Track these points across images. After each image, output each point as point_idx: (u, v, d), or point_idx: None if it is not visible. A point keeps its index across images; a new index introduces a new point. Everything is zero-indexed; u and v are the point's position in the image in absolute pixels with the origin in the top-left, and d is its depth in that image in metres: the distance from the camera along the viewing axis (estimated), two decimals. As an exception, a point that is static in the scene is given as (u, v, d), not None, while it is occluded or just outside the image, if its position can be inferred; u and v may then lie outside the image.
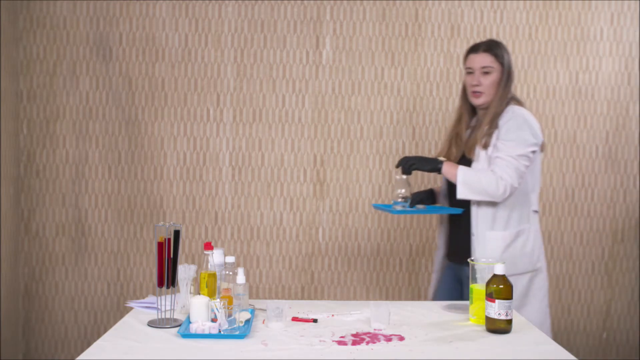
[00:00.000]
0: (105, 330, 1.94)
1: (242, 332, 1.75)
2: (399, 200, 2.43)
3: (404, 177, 2.42)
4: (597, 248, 3.30)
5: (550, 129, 3.26)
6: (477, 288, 1.88)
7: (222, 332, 1.74)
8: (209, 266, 1.92)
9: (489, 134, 2.30)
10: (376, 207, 2.50)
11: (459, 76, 3.23)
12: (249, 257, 3.26)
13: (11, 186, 3.11)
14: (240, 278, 1.90)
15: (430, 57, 3.23)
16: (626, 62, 3.25)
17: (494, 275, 1.79)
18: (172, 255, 1.85)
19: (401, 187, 2.44)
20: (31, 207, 3.22)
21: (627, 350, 3.32)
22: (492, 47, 2.36)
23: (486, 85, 2.33)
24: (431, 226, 3.26)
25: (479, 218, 2.29)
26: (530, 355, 1.64)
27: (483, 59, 2.35)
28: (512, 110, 2.32)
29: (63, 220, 3.23)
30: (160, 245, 1.83)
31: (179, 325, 1.81)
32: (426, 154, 3.23)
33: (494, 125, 2.30)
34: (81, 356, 1.60)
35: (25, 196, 3.22)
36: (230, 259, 1.97)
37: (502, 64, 2.35)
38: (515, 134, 2.26)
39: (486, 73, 2.33)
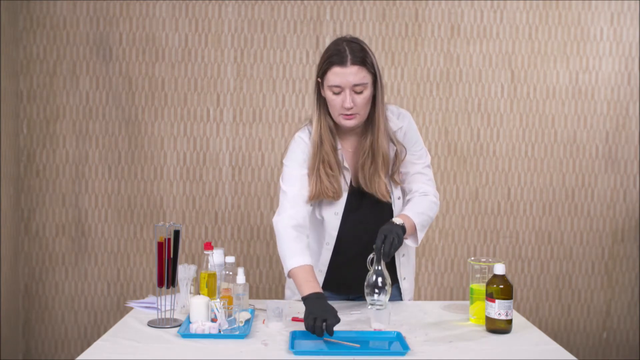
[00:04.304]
0: (105, 330, 1.94)
1: (242, 332, 1.75)
2: (379, 298, 1.80)
3: (380, 266, 1.81)
4: (597, 248, 3.30)
5: (550, 129, 3.26)
6: (477, 288, 1.88)
7: (222, 332, 1.74)
8: (209, 266, 1.92)
9: (399, 165, 2.00)
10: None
11: (459, 76, 3.23)
12: (249, 257, 3.26)
13: (11, 186, 3.11)
14: (240, 278, 1.90)
15: (430, 57, 3.23)
16: (626, 62, 3.25)
17: (494, 275, 1.79)
18: (172, 255, 1.85)
19: (380, 275, 1.81)
20: (31, 207, 3.22)
21: (627, 350, 3.32)
22: (362, 56, 1.87)
23: (360, 104, 1.88)
24: (431, 226, 3.26)
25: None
26: (530, 355, 1.63)
27: (355, 75, 1.85)
28: (397, 112, 2.03)
29: (63, 220, 3.23)
30: (160, 245, 1.83)
31: (179, 325, 1.81)
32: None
33: (396, 149, 1.99)
34: (81, 356, 1.59)
35: (25, 196, 3.22)
36: (230, 259, 1.96)
37: (373, 73, 1.90)
38: (420, 144, 2.03)
39: (359, 92, 1.87)
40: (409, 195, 2.02)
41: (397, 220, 1.86)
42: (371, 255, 1.82)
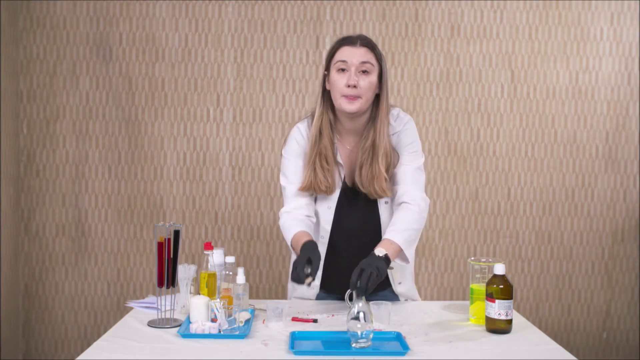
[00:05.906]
0: (105, 330, 1.94)
1: (242, 332, 1.75)
2: (361, 336, 1.63)
3: (361, 302, 1.65)
4: (597, 248, 3.30)
5: (550, 129, 3.26)
6: (477, 288, 1.88)
7: (222, 332, 1.74)
8: (209, 266, 1.92)
9: (391, 172, 1.98)
10: None
11: (459, 76, 3.23)
12: (249, 257, 3.26)
13: (11, 186, 3.11)
14: (240, 278, 1.90)
15: (430, 57, 3.23)
16: (626, 62, 3.25)
17: (494, 275, 1.79)
18: (172, 255, 1.85)
19: (361, 311, 1.64)
20: (31, 207, 3.22)
21: (627, 350, 3.32)
22: (372, 44, 1.94)
23: (364, 87, 1.89)
24: (431, 226, 3.26)
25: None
26: (530, 355, 1.63)
27: (363, 55, 1.89)
28: (395, 116, 2.02)
29: (63, 220, 3.23)
30: (160, 245, 1.83)
31: (179, 325, 1.81)
32: (426, 154, 3.21)
33: (393, 149, 1.99)
34: (81, 356, 1.59)
35: (25, 196, 3.22)
36: (230, 259, 1.96)
37: (381, 65, 1.94)
38: (414, 146, 2.00)
39: (365, 72, 1.89)
40: (396, 198, 2.00)
41: (379, 251, 1.80)
42: (349, 291, 1.70)
